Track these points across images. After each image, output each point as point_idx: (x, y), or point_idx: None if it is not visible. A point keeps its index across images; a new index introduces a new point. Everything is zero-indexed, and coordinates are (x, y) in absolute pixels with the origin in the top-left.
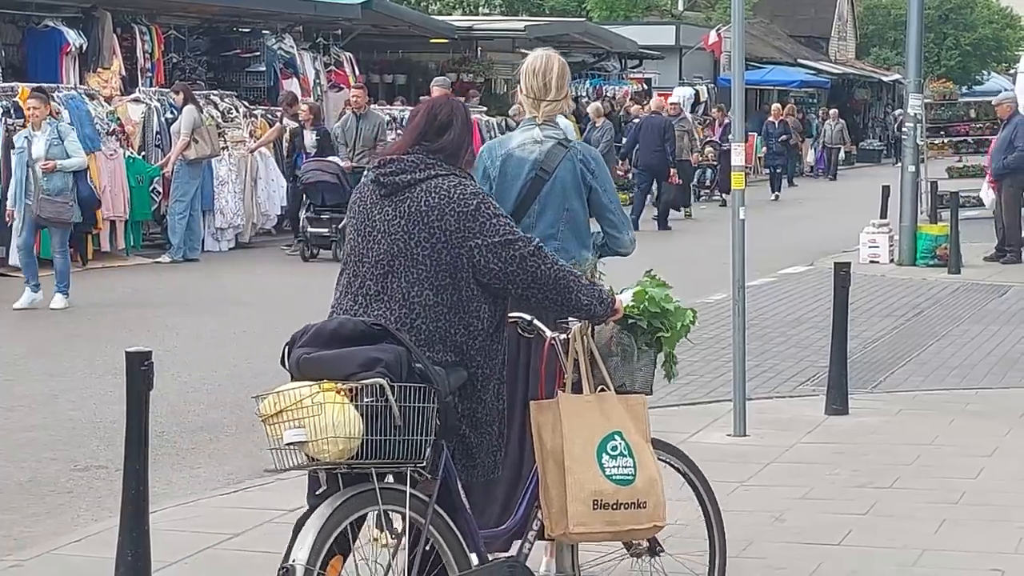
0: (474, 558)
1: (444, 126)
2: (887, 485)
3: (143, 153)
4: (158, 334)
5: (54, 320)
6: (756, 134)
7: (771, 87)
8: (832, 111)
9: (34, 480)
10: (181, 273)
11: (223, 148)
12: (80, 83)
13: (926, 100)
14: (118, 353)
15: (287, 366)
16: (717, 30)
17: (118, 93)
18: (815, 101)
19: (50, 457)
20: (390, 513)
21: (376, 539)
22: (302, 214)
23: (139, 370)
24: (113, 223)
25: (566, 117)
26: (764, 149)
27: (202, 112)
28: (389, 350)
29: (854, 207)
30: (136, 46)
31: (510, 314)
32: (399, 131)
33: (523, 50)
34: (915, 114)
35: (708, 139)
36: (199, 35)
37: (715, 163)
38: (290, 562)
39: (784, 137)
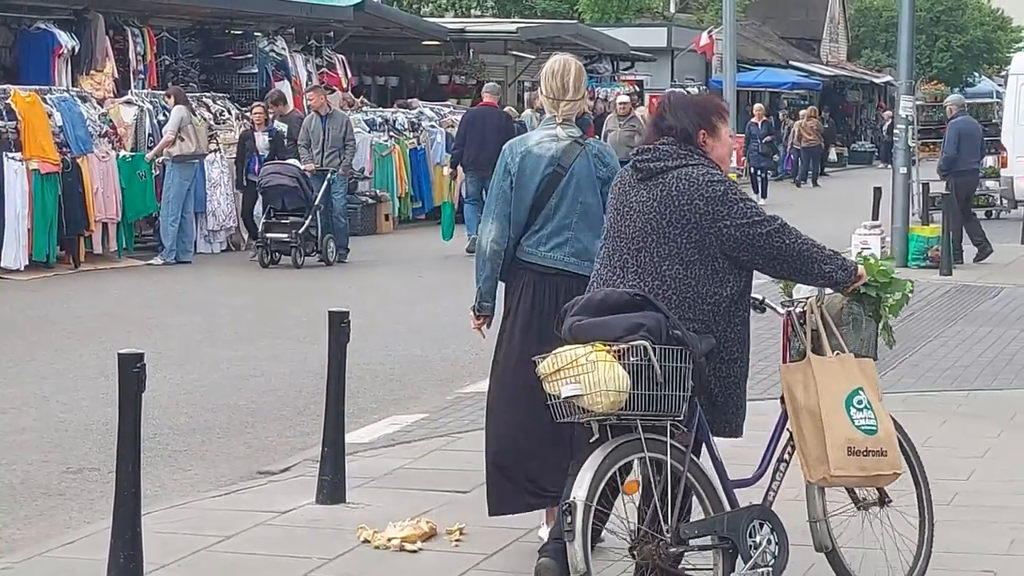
0: (726, 504)
1: (658, 119)
2: None
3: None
4: (150, 336)
5: (46, 322)
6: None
7: (762, 89)
8: (803, 111)
9: (26, 482)
10: (173, 275)
11: (215, 150)
12: (72, 85)
13: (918, 102)
14: (110, 355)
15: (561, 333)
16: (709, 32)
17: (111, 95)
18: (806, 103)
19: (42, 459)
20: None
21: (368, 540)
22: (260, 218)
23: (131, 372)
24: (105, 225)
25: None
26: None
27: (193, 113)
28: (651, 317)
29: (844, 209)
30: (128, 48)
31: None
32: (392, 134)
33: (515, 52)
34: (907, 116)
35: None
36: (191, 37)
37: None
38: (571, 499)
39: (768, 138)
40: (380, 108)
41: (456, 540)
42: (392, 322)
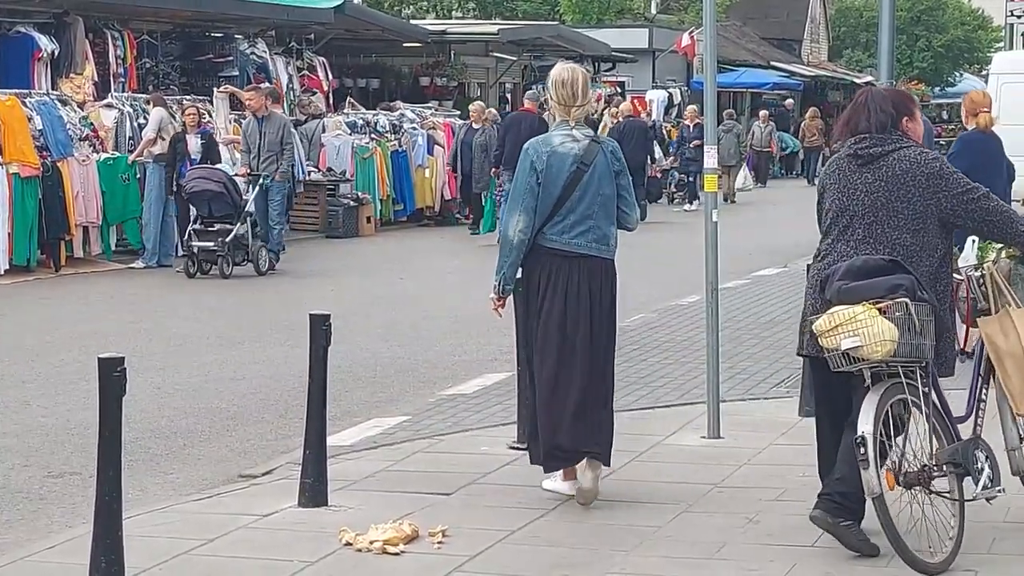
0: (955, 436)
1: (856, 110)
2: None
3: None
4: (131, 340)
5: (27, 326)
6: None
7: (744, 90)
8: (762, 112)
9: (6, 487)
10: (154, 278)
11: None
12: (52, 89)
13: None
14: (91, 359)
15: (827, 296)
16: (690, 33)
17: (91, 98)
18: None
19: (23, 464)
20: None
21: (350, 543)
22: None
23: (112, 376)
24: (86, 229)
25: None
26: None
27: (173, 117)
28: (904, 278)
29: None
30: (108, 51)
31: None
32: (373, 136)
33: (496, 54)
34: None
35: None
36: (171, 40)
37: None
38: (861, 434)
39: (698, 142)
40: (362, 110)
41: (439, 542)
42: (374, 325)
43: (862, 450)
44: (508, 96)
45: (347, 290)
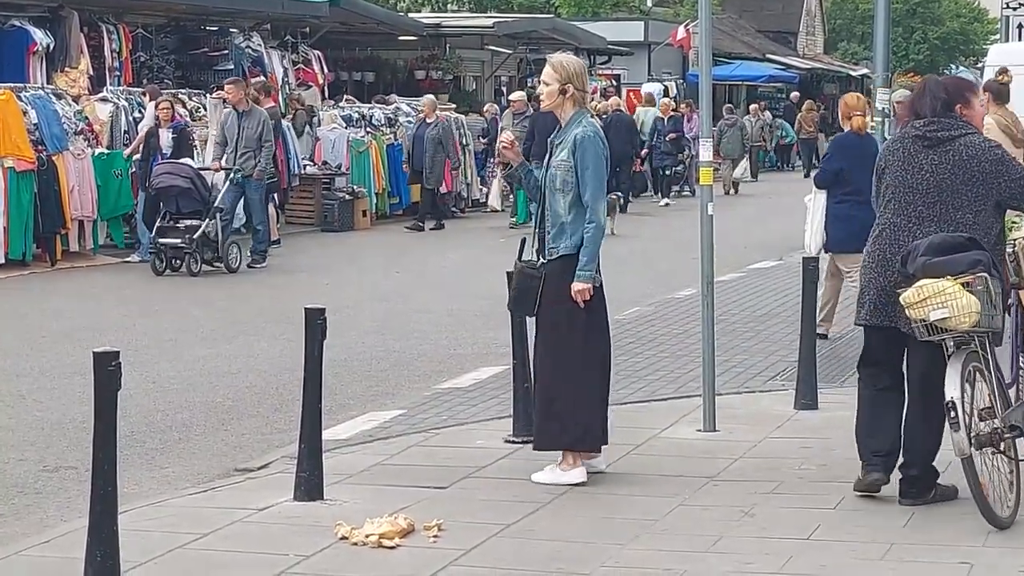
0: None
1: (918, 95)
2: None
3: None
4: (126, 334)
5: (22, 320)
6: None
7: (739, 82)
8: (752, 106)
9: (1, 481)
10: (150, 273)
11: (191, 145)
12: (47, 83)
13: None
14: (86, 353)
15: (910, 270)
16: (685, 26)
17: (86, 92)
18: (783, 96)
19: (18, 458)
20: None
21: (346, 537)
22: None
23: (107, 370)
24: (81, 223)
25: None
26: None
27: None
28: (983, 255)
29: None
30: (103, 45)
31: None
32: (369, 129)
33: (492, 47)
34: (883, 108)
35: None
36: (167, 34)
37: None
38: (950, 399)
39: (673, 135)
40: (357, 104)
41: (434, 536)
42: (369, 318)
43: (952, 413)
44: (504, 89)
45: (342, 284)
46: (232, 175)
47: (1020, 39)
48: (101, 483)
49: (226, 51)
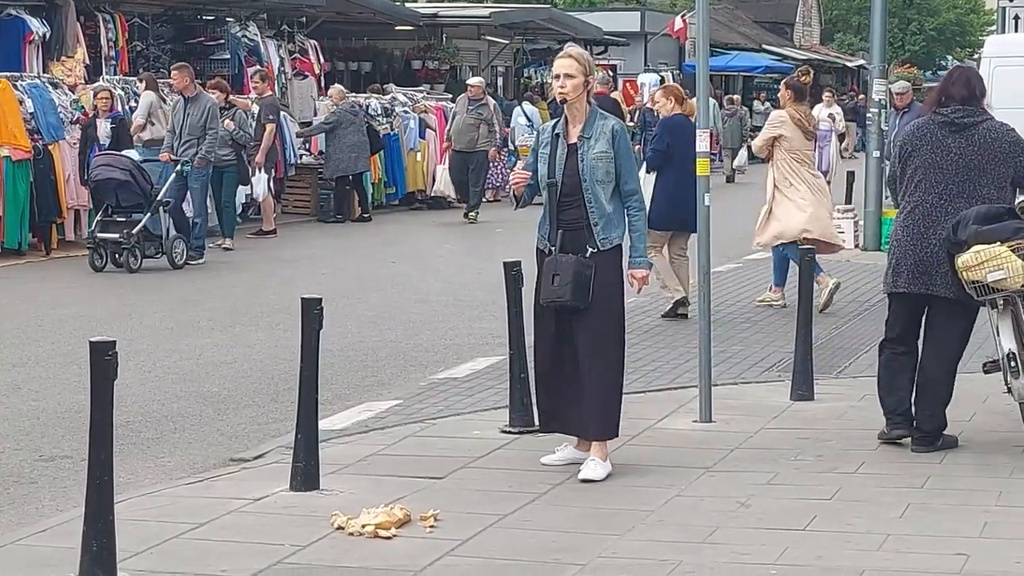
0: None
1: (948, 87)
2: (852, 470)
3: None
4: (122, 323)
5: (16, 310)
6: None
7: (735, 73)
8: (732, 98)
9: None
10: (145, 262)
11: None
12: (43, 72)
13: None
14: (81, 343)
15: (962, 237)
16: (682, 16)
17: (82, 81)
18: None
19: (13, 447)
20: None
21: (342, 527)
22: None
23: (103, 360)
24: (77, 212)
25: (532, 104)
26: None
27: (164, 100)
28: (1021, 223)
29: None
30: (100, 34)
31: None
32: (365, 120)
33: (489, 37)
34: (879, 99)
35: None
36: (163, 23)
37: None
38: (1008, 350)
39: None
40: (354, 95)
41: (430, 526)
42: (365, 309)
43: (1012, 363)
44: (500, 80)
45: (338, 274)
46: (180, 166)
47: (1016, 30)
48: (97, 473)
49: (222, 40)
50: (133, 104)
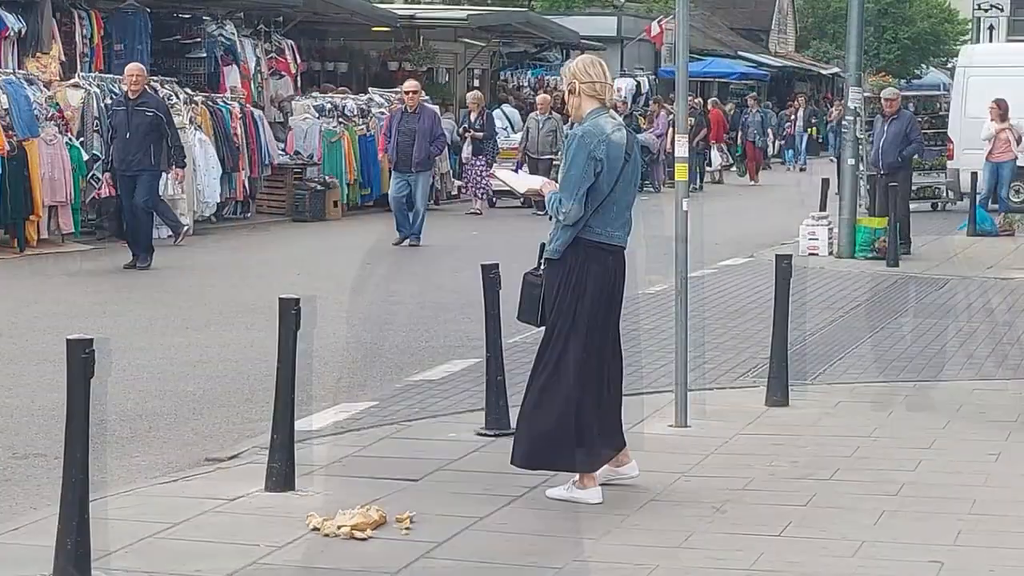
0: None
1: None
2: (826, 477)
3: (81, 139)
4: (96, 321)
5: None
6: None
7: (711, 79)
8: (697, 100)
9: None
10: (121, 260)
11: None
12: (19, 68)
13: (865, 94)
14: (56, 340)
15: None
16: (659, 21)
17: (57, 78)
18: (757, 95)
19: None
20: None
21: (317, 528)
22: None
23: (80, 357)
24: (55, 209)
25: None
26: None
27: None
28: None
29: (792, 200)
30: (75, 31)
31: None
32: (341, 120)
33: (465, 39)
34: (855, 107)
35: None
36: None
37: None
38: None
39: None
40: (329, 95)
41: (406, 528)
42: (341, 309)
43: None
44: (476, 82)
45: (314, 274)
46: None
47: (991, 40)
48: (73, 471)
49: (199, 39)
50: (109, 102)
